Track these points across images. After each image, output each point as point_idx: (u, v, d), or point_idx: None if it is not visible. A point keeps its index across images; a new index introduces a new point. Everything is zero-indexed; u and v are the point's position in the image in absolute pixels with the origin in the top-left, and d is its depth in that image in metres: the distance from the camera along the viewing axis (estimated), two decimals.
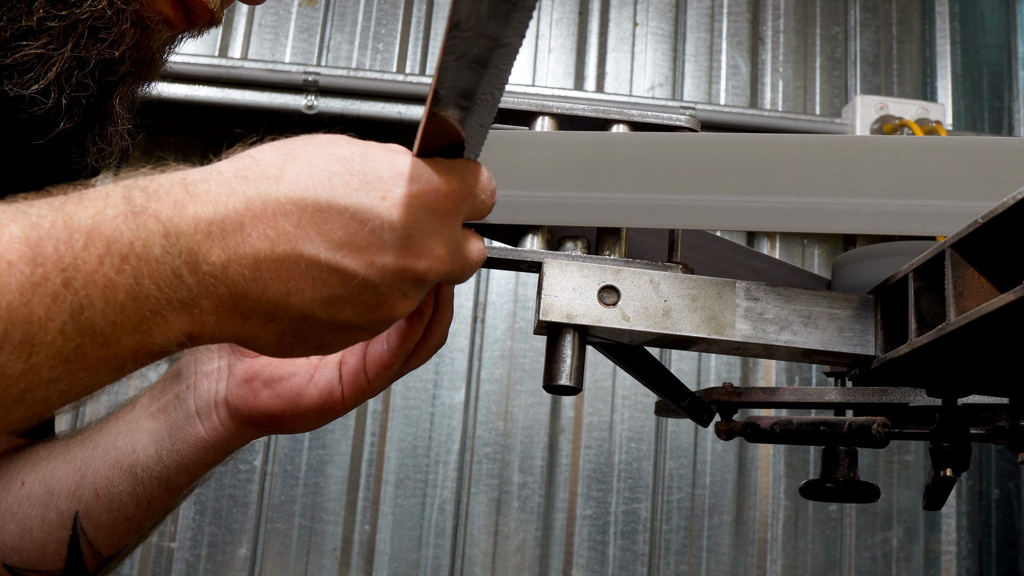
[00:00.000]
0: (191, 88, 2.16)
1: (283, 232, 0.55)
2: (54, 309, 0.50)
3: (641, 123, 0.79)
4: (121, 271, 0.52)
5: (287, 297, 0.56)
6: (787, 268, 0.97)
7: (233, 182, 0.56)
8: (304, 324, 0.58)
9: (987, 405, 0.89)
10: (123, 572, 2.06)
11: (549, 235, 0.76)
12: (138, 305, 0.53)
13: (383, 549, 2.12)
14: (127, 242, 0.52)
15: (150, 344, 0.54)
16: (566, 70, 2.42)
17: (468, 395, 2.21)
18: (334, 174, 0.57)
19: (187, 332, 0.56)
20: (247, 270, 0.55)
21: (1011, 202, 0.57)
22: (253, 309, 0.56)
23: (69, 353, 0.51)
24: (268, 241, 0.55)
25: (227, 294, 0.55)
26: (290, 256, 0.55)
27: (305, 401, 0.75)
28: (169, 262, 0.53)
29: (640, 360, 0.85)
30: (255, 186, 0.56)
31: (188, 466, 0.78)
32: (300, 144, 0.59)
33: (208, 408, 0.77)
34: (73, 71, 0.74)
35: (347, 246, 0.56)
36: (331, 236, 0.56)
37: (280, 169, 0.57)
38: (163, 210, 0.54)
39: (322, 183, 0.56)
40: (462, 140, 0.61)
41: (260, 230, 0.55)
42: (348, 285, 0.57)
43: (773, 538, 2.21)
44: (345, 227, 0.56)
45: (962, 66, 2.53)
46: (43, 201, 0.53)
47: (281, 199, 0.56)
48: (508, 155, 0.75)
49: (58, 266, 0.50)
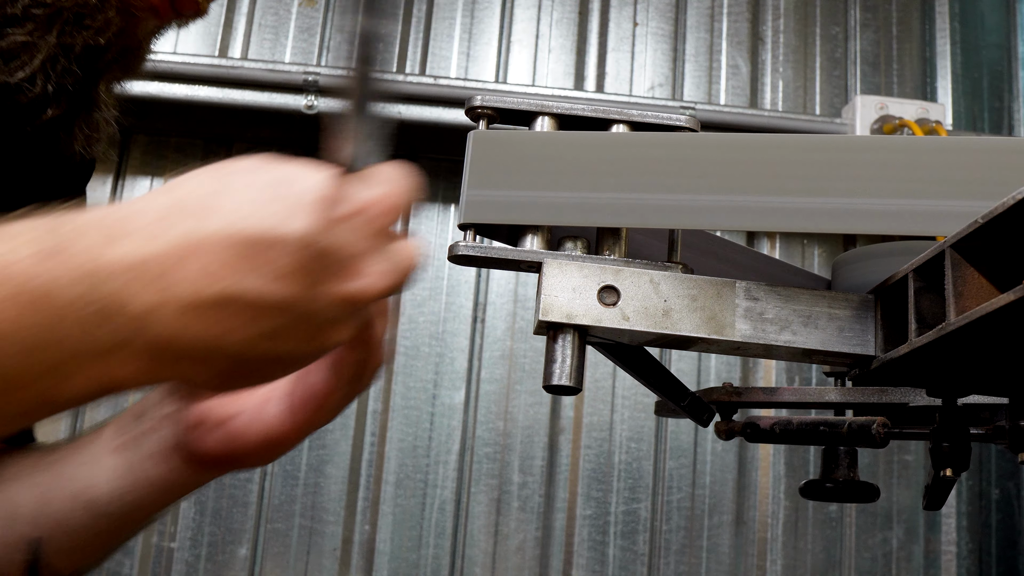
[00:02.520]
0: (191, 88, 2.16)
1: (216, 270, 0.52)
2: None
3: (641, 123, 0.78)
4: (31, 315, 0.49)
5: (221, 339, 0.53)
6: (787, 268, 0.97)
7: (159, 222, 0.52)
8: (241, 362, 0.55)
9: (987, 405, 0.89)
10: (123, 572, 2.06)
11: (549, 235, 0.76)
12: (50, 352, 0.50)
13: (383, 549, 2.12)
14: (39, 285, 0.49)
15: (63, 390, 0.52)
16: (566, 70, 2.42)
17: (468, 395, 2.21)
18: (260, 204, 0.53)
19: (109, 379, 0.52)
20: (177, 314, 0.51)
21: (1011, 202, 0.57)
22: (184, 354, 0.53)
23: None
24: (201, 281, 0.52)
25: (153, 339, 0.52)
26: (223, 295, 0.52)
27: (250, 439, 0.75)
28: (87, 308, 0.50)
29: (640, 360, 0.85)
30: (183, 224, 0.52)
31: (145, 505, 0.78)
32: (224, 174, 0.56)
33: (165, 452, 0.77)
34: (59, 58, 0.74)
35: (284, 276, 0.53)
36: (267, 268, 0.53)
37: (209, 201, 0.53)
38: (82, 251, 0.50)
39: (250, 215, 0.53)
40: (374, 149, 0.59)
41: (191, 270, 0.51)
42: (287, 317, 0.54)
43: (773, 538, 2.21)
44: (281, 257, 0.53)
45: (962, 66, 2.53)
46: None
47: (213, 234, 0.52)
48: (508, 155, 0.75)
49: None
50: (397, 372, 2.21)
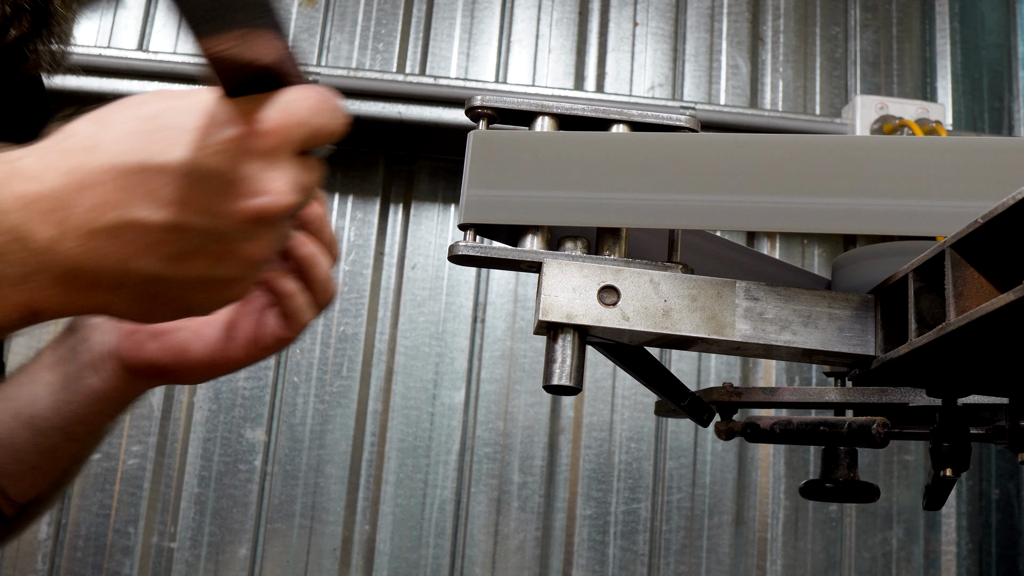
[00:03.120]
0: (191, 88, 2.16)
1: (107, 200, 0.55)
2: None
3: (641, 123, 0.78)
4: None
5: (126, 262, 0.56)
6: (787, 268, 0.97)
7: (52, 156, 0.56)
8: (157, 286, 0.58)
9: (987, 405, 0.89)
10: (123, 572, 2.06)
11: (549, 235, 0.76)
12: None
13: (383, 549, 2.12)
14: None
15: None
16: (566, 70, 2.42)
17: (468, 395, 2.21)
18: (146, 133, 0.56)
19: (29, 308, 0.56)
20: (79, 242, 0.55)
21: (1011, 202, 0.57)
22: (94, 280, 0.56)
23: None
24: (94, 211, 0.55)
25: (62, 268, 0.55)
26: (119, 222, 0.55)
27: (191, 355, 0.77)
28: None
29: (640, 360, 0.85)
30: (74, 158, 0.56)
31: (85, 416, 0.79)
32: (112, 110, 0.59)
33: (100, 360, 0.78)
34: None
35: (175, 202, 0.56)
36: (156, 195, 0.56)
37: (95, 138, 0.57)
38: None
39: (136, 145, 0.56)
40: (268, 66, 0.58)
41: (86, 201, 0.55)
42: (186, 238, 0.57)
43: (773, 538, 2.21)
44: (168, 184, 0.56)
45: (962, 66, 2.53)
46: None
47: (99, 167, 0.55)
48: (508, 155, 0.75)
49: None
50: (397, 372, 2.21)
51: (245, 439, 2.15)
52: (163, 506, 2.10)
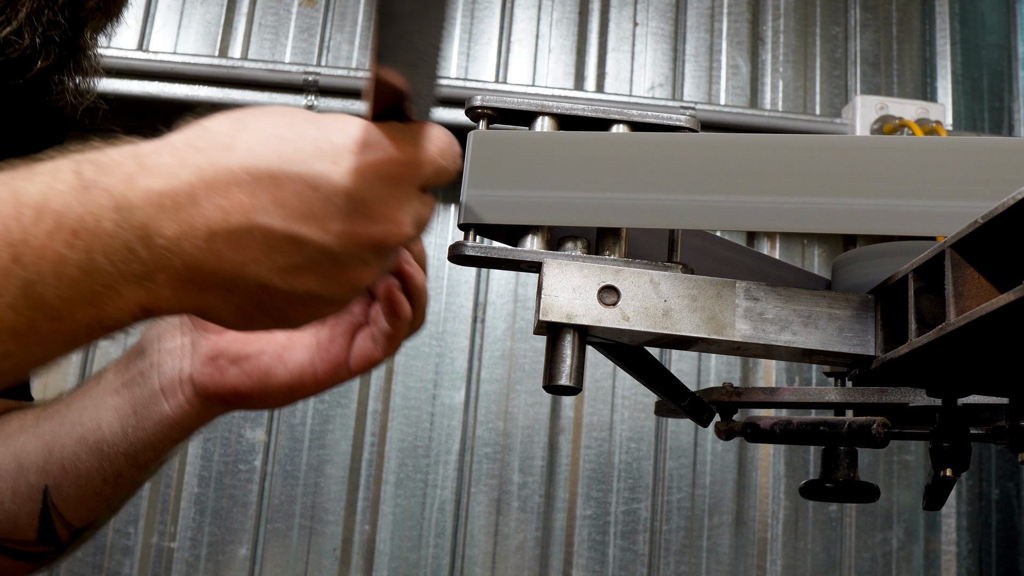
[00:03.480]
0: (191, 88, 2.16)
1: (237, 202, 0.54)
2: (4, 285, 0.50)
3: (641, 123, 0.78)
4: (72, 246, 0.52)
5: (243, 267, 0.55)
6: (787, 268, 0.97)
7: (185, 152, 0.55)
8: (264, 295, 0.57)
9: (987, 405, 0.89)
10: (123, 572, 2.06)
11: (549, 235, 0.76)
12: (90, 280, 0.52)
13: (383, 549, 2.12)
14: (77, 217, 0.52)
15: (104, 318, 0.54)
16: (566, 70, 2.42)
17: (468, 395, 2.21)
18: (286, 141, 0.56)
19: (142, 305, 0.55)
20: (201, 242, 0.54)
21: (1011, 202, 0.57)
22: (209, 281, 0.55)
23: (21, 328, 0.51)
24: (222, 212, 0.54)
25: (182, 266, 0.54)
26: (244, 226, 0.54)
27: (275, 381, 0.75)
28: (121, 236, 0.53)
29: (640, 360, 0.85)
30: (207, 156, 0.55)
31: (154, 443, 0.78)
32: (253, 113, 0.58)
33: (173, 386, 0.77)
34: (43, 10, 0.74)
35: (302, 214, 0.55)
36: (285, 204, 0.55)
37: (232, 138, 0.56)
38: (114, 183, 0.53)
39: (274, 150, 0.55)
40: (411, 100, 0.59)
41: (214, 201, 0.54)
42: (305, 253, 0.56)
43: (773, 538, 2.21)
44: (299, 195, 0.55)
45: (962, 66, 2.53)
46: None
47: (233, 168, 0.55)
48: (508, 155, 0.75)
49: (6, 241, 0.50)
50: (397, 372, 2.21)
51: (245, 439, 2.15)
52: (163, 506, 2.10)
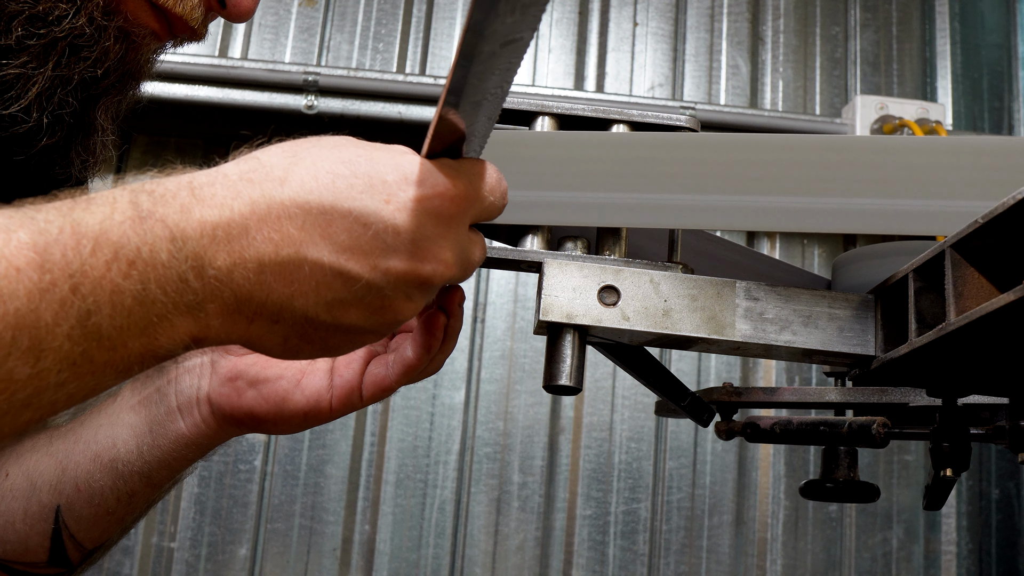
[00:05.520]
0: (191, 88, 2.16)
1: (288, 235, 0.55)
2: (61, 315, 0.50)
3: (641, 123, 0.79)
4: (128, 276, 0.52)
5: (291, 300, 0.56)
6: (787, 268, 0.97)
7: (239, 185, 0.56)
8: (309, 327, 0.58)
9: (987, 405, 0.89)
10: (123, 572, 2.06)
11: (549, 235, 0.76)
12: (145, 310, 0.53)
13: (383, 549, 2.12)
14: (134, 247, 0.52)
15: (156, 347, 0.54)
16: (566, 70, 2.42)
17: (468, 395, 2.21)
18: (339, 176, 0.56)
19: (193, 335, 0.56)
20: (252, 274, 0.55)
21: (1011, 202, 0.57)
22: (258, 312, 0.56)
23: (76, 357, 0.51)
24: (273, 244, 0.55)
25: (232, 297, 0.55)
26: (294, 259, 0.55)
27: (291, 406, 0.75)
28: (176, 267, 0.53)
29: (640, 360, 0.85)
30: (260, 189, 0.56)
31: (169, 462, 0.78)
32: (306, 146, 0.59)
33: (190, 404, 0.77)
34: (55, 89, 0.72)
35: (351, 249, 0.56)
36: (335, 239, 0.56)
37: (285, 171, 0.56)
38: (169, 214, 0.54)
39: (327, 186, 0.56)
40: (465, 138, 0.60)
41: (265, 233, 0.55)
42: (352, 288, 0.57)
43: (773, 538, 2.21)
44: (349, 230, 0.56)
45: (962, 66, 2.53)
46: (50, 206, 0.53)
47: (286, 202, 0.55)
48: (508, 155, 0.75)
49: (66, 272, 0.50)
50: None
51: (245, 439, 2.15)
52: (163, 506, 2.10)
